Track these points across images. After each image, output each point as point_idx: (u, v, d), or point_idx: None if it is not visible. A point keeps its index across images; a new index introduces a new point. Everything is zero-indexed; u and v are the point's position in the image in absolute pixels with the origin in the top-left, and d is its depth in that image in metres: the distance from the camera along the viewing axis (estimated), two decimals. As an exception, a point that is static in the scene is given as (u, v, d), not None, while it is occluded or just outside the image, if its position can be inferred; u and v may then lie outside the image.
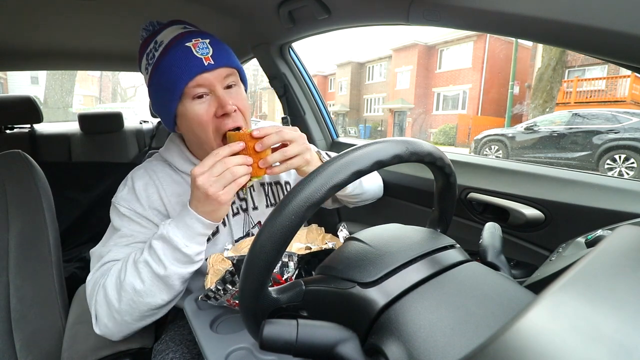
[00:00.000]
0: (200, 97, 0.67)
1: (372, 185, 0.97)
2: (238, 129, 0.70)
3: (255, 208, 0.84)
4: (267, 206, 0.86)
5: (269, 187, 0.88)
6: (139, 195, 0.71)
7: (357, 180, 0.89)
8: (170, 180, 0.76)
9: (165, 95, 0.68)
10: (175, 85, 0.65)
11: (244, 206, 0.83)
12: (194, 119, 0.68)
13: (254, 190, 0.85)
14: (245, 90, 0.78)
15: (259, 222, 0.84)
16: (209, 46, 0.66)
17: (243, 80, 0.76)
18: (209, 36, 0.69)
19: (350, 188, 0.87)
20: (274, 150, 0.68)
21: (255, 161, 0.65)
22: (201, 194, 0.60)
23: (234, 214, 0.81)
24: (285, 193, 0.86)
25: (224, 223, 0.78)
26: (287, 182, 0.91)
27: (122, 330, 0.64)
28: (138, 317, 0.63)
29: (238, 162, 0.62)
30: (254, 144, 0.64)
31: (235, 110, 0.69)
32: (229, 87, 0.70)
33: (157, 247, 0.61)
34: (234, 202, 0.81)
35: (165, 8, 1.14)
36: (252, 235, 0.82)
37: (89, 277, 0.67)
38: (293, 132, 0.69)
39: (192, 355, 0.69)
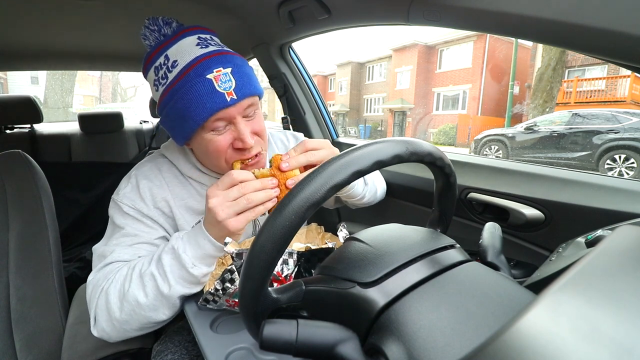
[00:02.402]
0: (222, 128, 0.65)
1: (380, 189, 0.98)
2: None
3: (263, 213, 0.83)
4: None
5: None
6: (143, 194, 0.70)
7: (372, 185, 0.92)
8: (177, 181, 0.74)
9: (181, 123, 0.64)
10: (194, 119, 0.62)
11: None
12: (210, 148, 0.66)
13: None
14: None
15: None
16: (232, 78, 0.62)
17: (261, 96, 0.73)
18: (231, 62, 0.64)
19: (368, 197, 0.88)
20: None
21: (282, 182, 0.61)
22: (212, 217, 0.58)
23: None
24: None
25: None
26: None
27: (120, 336, 0.64)
28: (137, 327, 0.63)
29: (256, 187, 0.58)
30: (279, 163, 0.61)
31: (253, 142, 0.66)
32: (249, 115, 0.67)
33: (166, 261, 0.60)
34: None
35: (165, 8, 1.14)
36: None
37: (90, 277, 0.66)
38: (322, 152, 0.67)
39: (190, 357, 0.68)
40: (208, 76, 0.61)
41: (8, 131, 1.89)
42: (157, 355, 0.70)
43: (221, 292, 0.57)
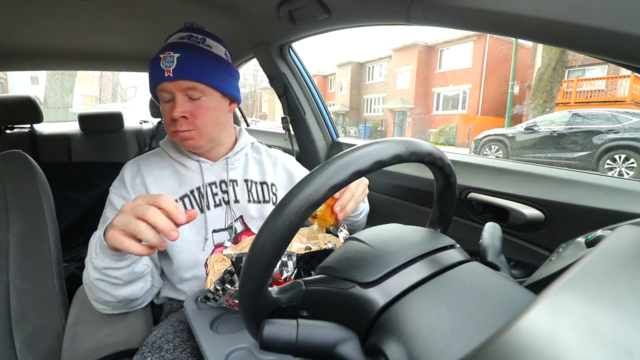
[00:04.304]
0: (169, 100, 0.79)
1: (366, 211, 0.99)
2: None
3: (236, 201, 0.86)
4: (248, 201, 0.88)
5: (253, 185, 0.90)
6: (127, 182, 0.83)
7: (367, 207, 0.96)
8: (156, 166, 0.85)
9: (153, 93, 0.83)
10: (150, 86, 0.81)
11: (226, 199, 0.86)
12: (163, 115, 0.81)
13: (237, 185, 0.88)
14: (239, 102, 0.88)
15: (241, 217, 0.87)
16: (175, 60, 0.75)
17: (227, 92, 0.82)
18: (186, 51, 0.76)
19: (362, 216, 0.93)
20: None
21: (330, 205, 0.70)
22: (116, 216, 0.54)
23: (216, 205, 0.85)
24: (270, 193, 0.91)
25: (200, 210, 0.83)
26: (272, 184, 0.93)
27: (113, 310, 0.71)
28: (112, 307, 0.70)
29: (160, 222, 0.49)
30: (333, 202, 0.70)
31: (184, 117, 0.77)
32: (194, 98, 0.78)
33: (91, 246, 0.63)
34: (216, 194, 0.85)
35: (165, 8, 1.14)
36: (234, 229, 0.85)
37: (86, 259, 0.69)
38: (358, 188, 0.75)
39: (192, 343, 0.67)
40: (160, 55, 0.76)
41: (8, 131, 1.88)
42: (157, 341, 0.66)
43: (221, 293, 0.57)
